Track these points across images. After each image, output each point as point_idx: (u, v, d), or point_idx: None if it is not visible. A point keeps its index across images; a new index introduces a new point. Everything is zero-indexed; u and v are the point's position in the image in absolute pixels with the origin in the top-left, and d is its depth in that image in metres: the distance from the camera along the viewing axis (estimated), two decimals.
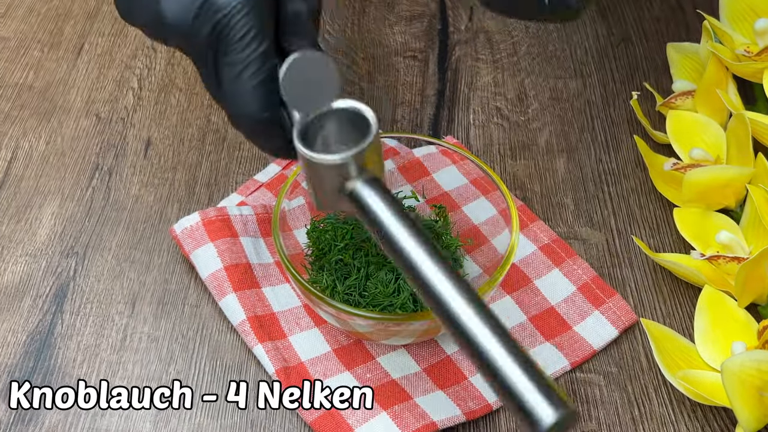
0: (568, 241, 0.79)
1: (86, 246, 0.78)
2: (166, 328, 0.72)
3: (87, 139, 0.86)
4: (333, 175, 0.54)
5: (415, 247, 0.50)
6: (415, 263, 0.50)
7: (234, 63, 0.55)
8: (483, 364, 0.45)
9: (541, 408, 0.43)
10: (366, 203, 0.53)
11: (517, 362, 0.45)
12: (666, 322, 0.74)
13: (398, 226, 0.51)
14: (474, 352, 0.46)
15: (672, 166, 0.79)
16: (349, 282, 0.69)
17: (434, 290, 0.48)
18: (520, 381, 0.44)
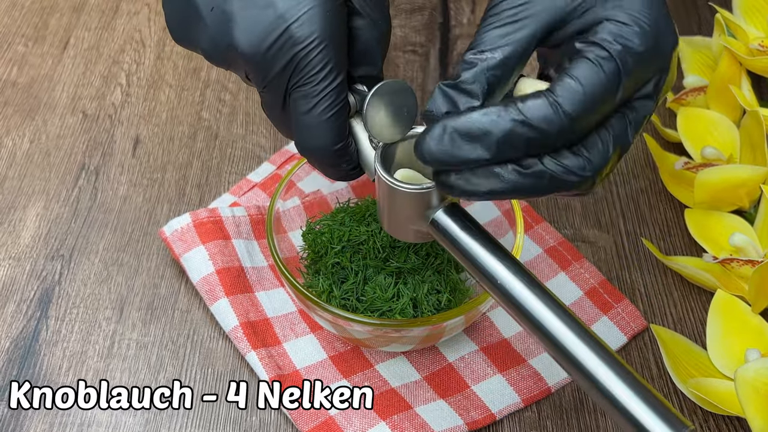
0: (575, 244, 0.79)
1: (72, 249, 0.77)
2: (156, 335, 0.72)
3: (73, 138, 0.86)
4: (415, 204, 0.56)
5: (508, 274, 0.54)
6: (511, 291, 0.53)
7: (309, 95, 0.56)
8: (603, 396, 0.49)
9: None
10: (450, 230, 0.56)
11: (633, 389, 0.48)
12: (677, 328, 0.74)
13: (486, 251, 0.55)
14: (590, 380, 0.49)
15: (683, 165, 0.79)
16: (346, 286, 0.69)
17: (536, 317, 0.52)
18: (639, 407, 0.48)
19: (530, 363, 0.70)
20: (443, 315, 0.64)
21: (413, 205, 0.57)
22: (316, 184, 0.77)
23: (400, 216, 0.58)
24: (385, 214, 0.59)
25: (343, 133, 0.58)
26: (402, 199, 0.57)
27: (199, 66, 0.93)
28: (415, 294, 0.68)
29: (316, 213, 0.75)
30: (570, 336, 0.50)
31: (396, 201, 0.57)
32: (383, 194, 0.58)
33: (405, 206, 0.57)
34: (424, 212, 0.57)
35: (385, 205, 0.59)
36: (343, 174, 0.60)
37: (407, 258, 0.69)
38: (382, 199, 0.59)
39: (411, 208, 0.57)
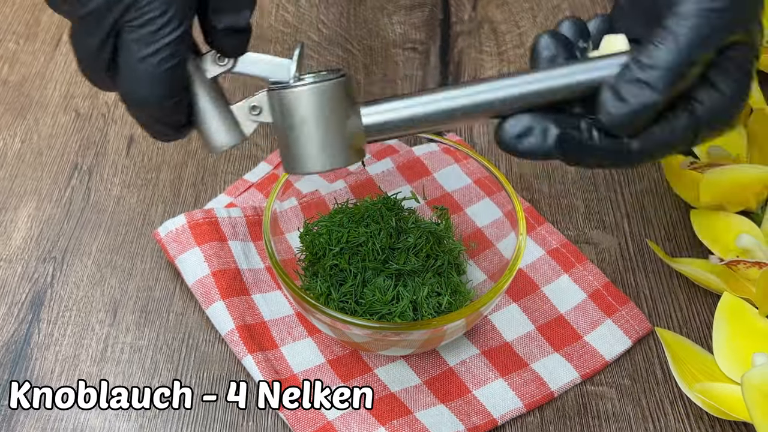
0: (579, 246, 0.79)
1: (65, 250, 0.78)
2: (150, 338, 0.72)
3: (65, 137, 0.86)
4: (337, 106, 0.56)
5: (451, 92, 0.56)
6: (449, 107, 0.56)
7: (147, 40, 0.52)
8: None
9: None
10: (386, 119, 0.57)
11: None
12: (682, 332, 0.74)
13: (423, 106, 0.57)
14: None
15: (689, 165, 0.80)
16: (345, 289, 0.69)
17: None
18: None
19: (532, 367, 0.70)
20: (444, 318, 0.64)
21: (334, 107, 0.56)
22: (314, 185, 0.77)
23: (332, 125, 0.56)
24: (314, 140, 0.56)
25: (180, 86, 0.55)
26: (321, 103, 0.56)
27: None
28: (415, 296, 0.68)
29: (314, 214, 0.75)
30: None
31: (313, 113, 0.56)
32: (309, 112, 0.56)
33: (329, 114, 0.56)
34: (348, 120, 0.57)
35: (312, 127, 0.56)
36: (171, 132, 0.57)
37: (407, 260, 0.69)
38: (307, 120, 0.56)
39: (333, 115, 0.56)
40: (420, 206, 0.78)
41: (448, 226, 0.75)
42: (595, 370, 0.71)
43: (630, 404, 0.70)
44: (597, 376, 0.71)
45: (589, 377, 0.71)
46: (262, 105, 0.59)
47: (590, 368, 0.71)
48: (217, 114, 0.58)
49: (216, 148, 0.59)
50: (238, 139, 0.59)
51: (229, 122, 0.59)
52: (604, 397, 0.70)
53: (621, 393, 0.70)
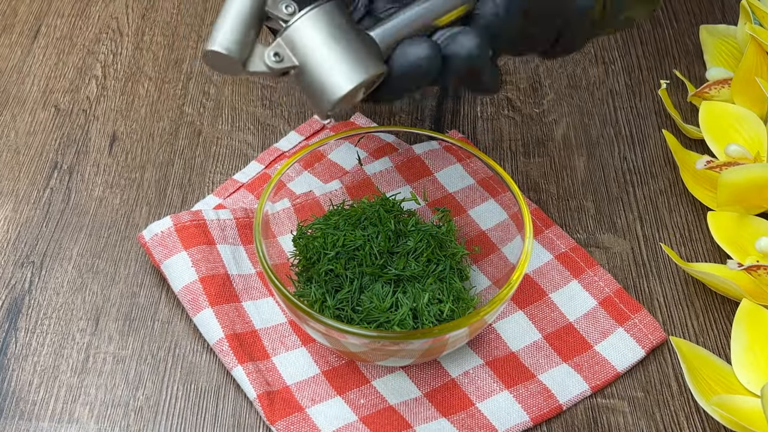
0: (588, 250, 0.79)
1: (43, 255, 0.78)
2: (134, 348, 0.73)
3: (44, 134, 0.87)
4: (345, 20, 0.61)
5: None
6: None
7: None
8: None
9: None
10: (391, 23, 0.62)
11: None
12: (699, 341, 0.74)
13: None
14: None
15: (705, 164, 0.80)
16: (341, 295, 0.69)
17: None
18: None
19: (540, 378, 0.70)
20: (445, 326, 0.64)
21: (346, 14, 0.62)
22: (308, 185, 0.77)
23: (351, 35, 0.61)
24: (342, 53, 0.61)
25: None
26: (340, 9, 0.61)
27: (181, 57, 0.93)
28: (415, 304, 0.68)
29: (308, 216, 0.75)
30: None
31: (339, 19, 0.61)
32: (325, 31, 0.61)
33: (346, 19, 0.61)
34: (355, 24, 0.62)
35: (334, 42, 0.61)
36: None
37: (407, 265, 0.69)
38: (327, 39, 0.61)
39: (349, 18, 0.61)
40: (420, 208, 0.78)
41: (450, 229, 0.75)
42: (606, 382, 0.71)
43: (643, 418, 0.70)
44: (608, 388, 0.71)
45: (600, 389, 0.71)
46: (281, 50, 0.61)
47: (601, 380, 0.71)
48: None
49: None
50: (235, 56, 0.61)
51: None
52: (615, 411, 0.70)
53: (633, 406, 0.71)
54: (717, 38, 0.90)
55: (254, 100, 0.90)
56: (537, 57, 0.67)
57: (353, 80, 0.60)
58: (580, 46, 0.66)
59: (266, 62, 0.61)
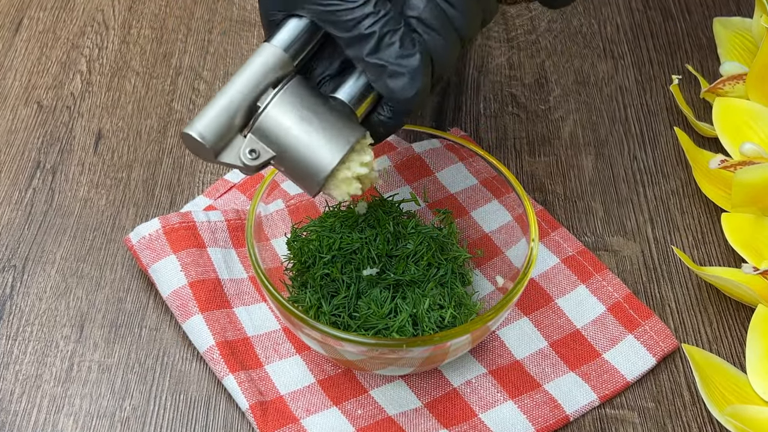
0: (597, 253, 0.79)
1: (25, 258, 0.78)
2: (120, 356, 0.73)
3: (26, 132, 0.87)
4: (310, 94, 0.63)
5: None
6: None
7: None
8: None
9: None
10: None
11: None
12: (712, 349, 0.74)
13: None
14: None
15: (719, 163, 0.80)
16: (337, 301, 0.69)
17: None
18: None
19: (545, 388, 0.71)
20: (447, 333, 0.64)
21: (310, 89, 0.63)
22: None
23: (320, 112, 0.63)
24: (317, 132, 0.62)
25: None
26: (301, 87, 0.63)
27: (169, 51, 0.94)
28: (415, 310, 0.68)
29: (303, 218, 0.75)
30: None
31: (305, 97, 0.63)
32: (292, 114, 0.62)
33: (310, 94, 0.63)
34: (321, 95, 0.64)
35: (306, 123, 0.62)
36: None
37: (406, 269, 0.70)
38: (296, 123, 0.62)
39: (314, 92, 0.63)
40: (421, 209, 0.78)
41: (451, 232, 0.75)
42: (615, 392, 0.71)
43: (654, 429, 0.70)
44: (617, 398, 0.71)
45: (609, 399, 0.71)
46: (255, 145, 0.62)
47: (610, 389, 0.71)
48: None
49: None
50: (209, 144, 0.62)
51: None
52: (625, 422, 0.70)
53: (644, 417, 0.71)
54: (731, 31, 0.90)
55: None
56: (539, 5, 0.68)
57: (336, 155, 0.62)
58: None
59: (242, 159, 0.62)
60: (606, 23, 0.98)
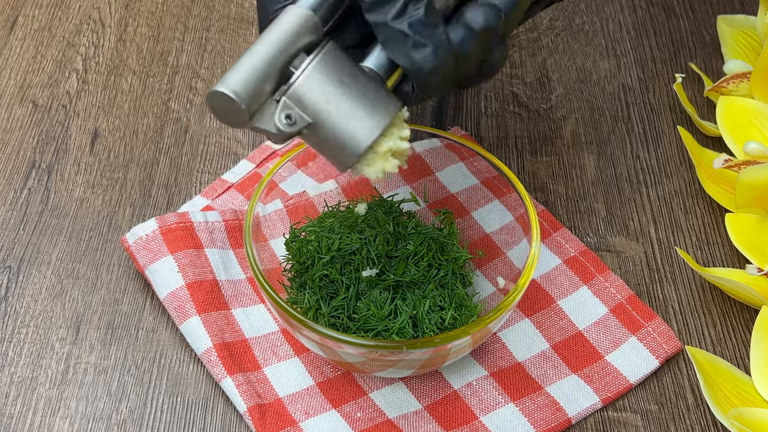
0: (599, 254, 0.79)
1: (21, 259, 0.78)
2: (117, 358, 0.73)
3: (21, 132, 0.87)
4: (347, 63, 0.60)
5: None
6: None
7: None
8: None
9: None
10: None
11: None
12: (716, 351, 0.74)
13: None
14: None
15: (723, 163, 0.80)
16: (336, 302, 0.69)
17: None
18: None
19: (547, 390, 0.71)
20: (447, 335, 0.65)
21: (345, 56, 0.60)
22: (301, 186, 0.77)
23: (359, 81, 0.60)
24: (356, 102, 0.60)
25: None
26: (337, 54, 0.60)
27: (166, 49, 0.94)
28: (415, 311, 0.68)
29: (302, 218, 0.75)
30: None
31: (340, 65, 0.60)
32: (331, 81, 0.59)
33: (347, 62, 0.60)
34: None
35: (345, 91, 0.59)
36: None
37: (406, 270, 0.70)
38: (336, 90, 0.59)
39: (349, 60, 0.60)
40: (421, 209, 0.78)
41: (452, 232, 0.75)
42: (617, 394, 0.71)
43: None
44: (620, 401, 0.72)
45: (611, 402, 0.71)
46: (291, 110, 0.59)
47: (612, 392, 0.71)
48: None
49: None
50: (243, 103, 0.59)
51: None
52: (627, 424, 0.70)
53: (647, 420, 0.71)
54: (735, 29, 0.90)
55: None
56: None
57: (379, 124, 0.60)
58: None
59: (277, 125, 0.59)
60: (608, 21, 0.98)
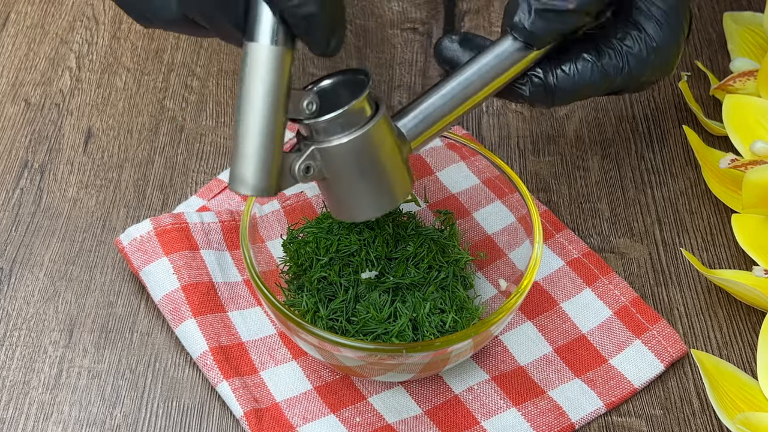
0: (603, 255, 0.79)
1: (12, 261, 0.78)
2: (111, 362, 0.73)
3: (13, 131, 0.87)
4: (390, 136, 0.62)
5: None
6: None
7: None
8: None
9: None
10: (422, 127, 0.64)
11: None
12: (722, 355, 0.74)
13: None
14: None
15: (729, 163, 0.80)
16: (335, 305, 0.69)
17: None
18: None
19: (550, 395, 0.71)
20: (448, 339, 0.65)
21: (391, 126, 0.62)
22: (299, 186, 0.77)
23: (390, 160, 0.62)
24: (379, 181, 0.62)
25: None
26: (386, 126, 0.62)
27: (161, 47, 0.94)
28: (415, 314, 0.68)
29: (299, 219, 0.75)
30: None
31: (387, 139, 0.62)
32: (371, 155, 0.61)
33: (390, 135, 0.62)
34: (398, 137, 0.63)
35: (376, 169, 0.61)
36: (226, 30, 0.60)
37: (406, 272, 0.70)
38: (370, 164, 0.61)
39: (394, 131, 0.62)
40: (421, 210, 0.78)
41: (453, 233, 0.75)
42: (621, 399, 0.71)
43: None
44: (624, 406, 0.72)
45: (615, 407, 0.71)
46: (313, 163, 0.61)
47: (616, 396, 0.71)
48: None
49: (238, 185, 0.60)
50: (271, 192, 0.60)
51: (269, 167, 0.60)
52: (632, 430, 0.70)
53: (652, 425, 0.71)
54: (742, 27, 0.90)
55: None
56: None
57: (380, 211, 0.64)
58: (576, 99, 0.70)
59: (296, 176, 0.60)
60: None
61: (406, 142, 0.63)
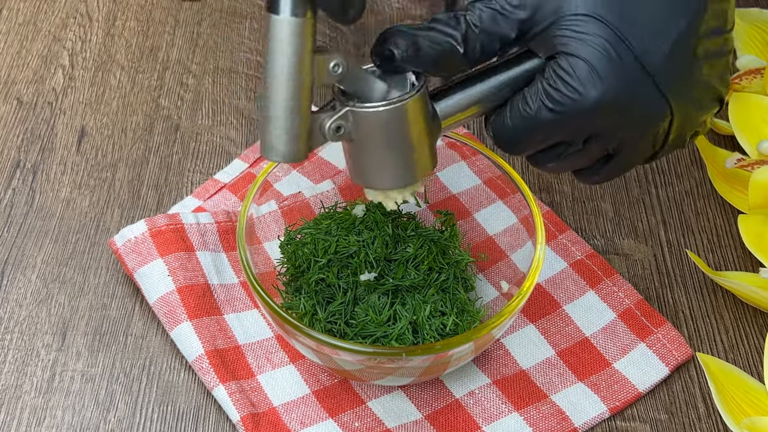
0: (607, 257, 0.79)
1: (4, 263, 0.78)
2: (105, 365, 0.73)
3: (5, 130, 0.87)
4: (426, 112, 0.62)
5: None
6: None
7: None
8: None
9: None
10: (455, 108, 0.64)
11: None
12: (728, 358, 0.74)
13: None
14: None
15: (736, 162, 0.80)
16: (333, 307, 0.69)
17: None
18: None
19: (552, 399, 0.71)
20: (448, 342, 0.65)
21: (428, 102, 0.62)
22: (296, 186, 0.77)
23: (422, 135, 0.62)
24: (408, 153, 0.62)
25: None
26: (424, 101, 0.62)
27: (156, 44, 0.94)
28: (415, 317, 0.68)
29: (297, 220, 0.75)
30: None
31: (422, 113, 0.61)
32: (406, 126, 0.61)
33: (426, 111, 0.62)
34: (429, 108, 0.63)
35: (408, 141, 0.62)
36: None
37: (406, 273, 0.70)
38: (403, 136, 0.61)
39: (428, 107, 0.62)
40: (421, 210, 0.78)
41: (453, 234, 0.75)
42: (626, 403, 0.71)
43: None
44: (628, 410, 0.72)
45: (619, 411, 0.71)
46: (344, 123, 0.61)
47: (620, 400, 0.71)
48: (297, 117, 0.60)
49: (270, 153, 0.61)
50: (300, 157, 0.61)
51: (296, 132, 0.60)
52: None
53: (656, 430, 0.71)
54: (749, 23, 0.90)
55: (237, 91, 0.90)
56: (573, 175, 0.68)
57: (395, 184, 0.64)
58: (630, 167, 0.66)
59: (326, 134, 0.61)
60: None
61: (438, 123, 0.63)
